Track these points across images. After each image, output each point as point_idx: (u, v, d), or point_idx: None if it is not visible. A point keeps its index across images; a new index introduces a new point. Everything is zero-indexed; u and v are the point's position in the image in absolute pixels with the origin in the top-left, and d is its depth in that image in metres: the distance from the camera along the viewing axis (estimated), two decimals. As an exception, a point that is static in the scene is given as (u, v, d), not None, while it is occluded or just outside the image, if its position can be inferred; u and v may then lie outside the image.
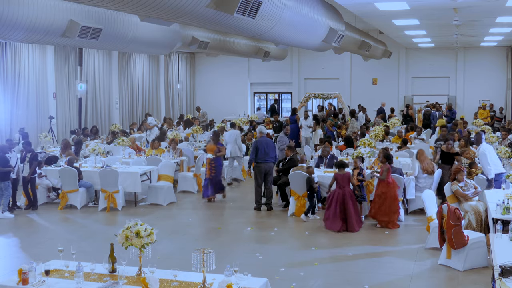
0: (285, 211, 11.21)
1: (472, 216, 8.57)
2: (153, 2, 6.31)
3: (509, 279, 5.11)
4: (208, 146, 12.46)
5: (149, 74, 23.76)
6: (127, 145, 14.25)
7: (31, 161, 11.43)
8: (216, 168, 12.16)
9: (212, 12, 7.22)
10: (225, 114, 25.04)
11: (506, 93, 25.03)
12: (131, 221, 5.42)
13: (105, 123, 20.27)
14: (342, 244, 9.09)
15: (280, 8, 8.75)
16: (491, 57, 25.10)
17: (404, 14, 13.69)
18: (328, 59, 25.11)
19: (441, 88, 25.59)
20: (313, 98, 24.10)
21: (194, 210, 11.91)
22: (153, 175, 12.39)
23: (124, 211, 11.45)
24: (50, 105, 17.49)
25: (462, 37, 18.69)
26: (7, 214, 11.03)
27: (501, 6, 12.36)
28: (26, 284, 5.20)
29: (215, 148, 12.18)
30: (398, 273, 7.72)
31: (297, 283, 7.23)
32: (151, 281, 4.98)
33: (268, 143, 11.52)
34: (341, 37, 12.73)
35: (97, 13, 10.72)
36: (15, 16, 9.12)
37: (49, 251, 8.04)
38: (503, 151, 11.58)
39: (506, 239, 6.46)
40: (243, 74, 27.66)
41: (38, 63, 16.99)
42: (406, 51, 25.81)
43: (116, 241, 5.45)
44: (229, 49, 17.98)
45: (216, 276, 5.26)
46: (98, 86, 19.93)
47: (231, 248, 8.89)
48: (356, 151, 12.09)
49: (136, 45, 12.70)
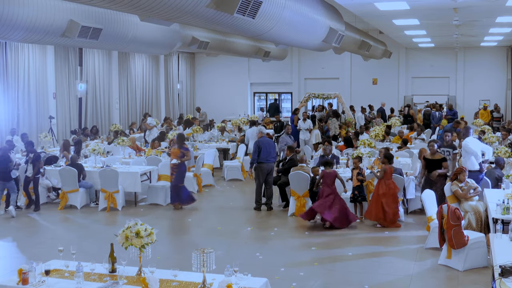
0: (285, 211, 11.21)
1: (472, 216, 8.57)
2: (153, 2, 6.31)
3: (509, 279, 5.11)
4: (172, 151, 11.75)
5: (149, 74, 23.76)
6: (127, 145, 14.25)
7: (34, 161, 11.43)
8: (177, 174, 11.44)
9: (212, 12, 7.22)
10: (225, 114, 25.04)
11: (506, 93, 25.03)
12: (131, 221, 5.42)
13: (105, 123, 20.27)
14: (342, 244, 9.09)
15: (280, 8, 8.76)
16: (491, 57, 25.10)
17: (404, 14, 13.69)
18: (328, 59, 25.10)
19: (441, 88, 25.59)
20: (313, 98, 24.09)
21: (194, 210, 11.90)
22: (153, 175, 12.40)
23: (124, 211, 11.45)
24: (50, 105, 17.48)
25: (462, 37, 18.68)
26: (12, 210, 11.02)
27: (501, 6, 12.35)
28: (26, 284, 5.20)
29: (179, 153, 11.48)
30: (398, 273, 7.72)
31: (297, 283, 7.23)
32: (151, 281, 4.98)
33: (270, 143, 11.53)
34: (341, 37, 12.73)
35: (97, 13, 10.72)
36: (15, 16, 9.12)
37: (49, 251, 8.03)
38: (503, 151, 11.57)
39: (506, 239, 6.46)
40: (243, 74, 27.66)
41: (38, 63, 16.98)
42: (406, 51, 25.81)
43: (116, 241, 5.45)
44: (229, 49, 17.99)
45: (216, 276, 5.26)
46: (98, 86, 19.92)
47: (231, 248, 8.89)
48: (356, 151, 12.10)
49: (136, 45, 12.70)
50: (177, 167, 11.46)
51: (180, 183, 11.50)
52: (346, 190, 10.53)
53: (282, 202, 11.70)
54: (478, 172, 10.19)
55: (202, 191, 13.44)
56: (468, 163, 10.15)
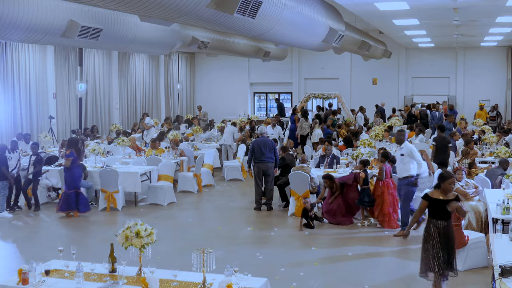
0: (285, 211, 11.21)
1: (472, 216, 8.57)
2: (153, 2, 6.31)
3: (509, 279, 5.11)
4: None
5: (149, 74, 23.76)
6: (127, 145, 14.25)
7: (35, 164, 11.41)
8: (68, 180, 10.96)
9: (212, 12, 7.22)
10: (225, 114, 25.04)
11: (506, 93, 25.03)
12: (131, 221, 5.42)
13: (105, 123, 20.27)
14: (342, 244, 9.09)
15: (280, 8, 8.76)
16: (491, 57, 25.09)
17: (404, 14, 13.69)
18: (328, 59, 25.11)
19: (441, 88, 25.59)
20: (313, 98, 24.10)
21: (194, 210, 11.91)
22: (153, 175, 12.39)
23: (124, 211, 11.45)
24: (50, 105, 17.48)
25: (462, 37, 18.68)
26: (6, 214, 11.02)
27: (501, 6, 12.36)
28: (26, 284, 5.19)
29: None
30: (398, 273, 7.72)
31: (297, 283, 7.23)
32: (151, 281, 4.99)
33: (266, 143, 11.46)
34: (341, 37, 12.74)
35: (97, 13, 10.72)
36: (15, 16, 9.12)
37: (49, 251, 8.03)
38: (503, 151, 11.59)
39: (506, 239, 6.46)
40: (243, 74, 27.66)
41: (38, 63, 16.99)
42: (406, 51, 25.81)
43: (116, 241, 5.45)
44: (229, 49, 17.99)
45: (216, 276, 5.26)
46: (98, 86, 19.92)
47: (231, 248, 8.89)
48: (355, 151, 12.11)
49: (136, 45, 12.71)
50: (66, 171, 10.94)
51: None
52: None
53: (282, 202, 11.70)
54: (411, 177, 9.51)
55: (202, 191, 13.44)
56: (410, 166, 9.42)
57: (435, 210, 6.26)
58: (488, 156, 13.06)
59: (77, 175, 11.01)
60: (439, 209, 6.20)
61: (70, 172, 10.92)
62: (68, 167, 10.89)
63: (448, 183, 6.19)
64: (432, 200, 6.26)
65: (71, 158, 10.89)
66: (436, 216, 6.23)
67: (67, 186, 10.93)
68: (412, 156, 9.36)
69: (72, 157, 10.92)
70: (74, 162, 10.96)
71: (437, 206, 6.21)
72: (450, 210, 6.15)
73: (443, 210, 6.17)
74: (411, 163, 9.38)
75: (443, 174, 6.32)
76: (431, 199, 6.28)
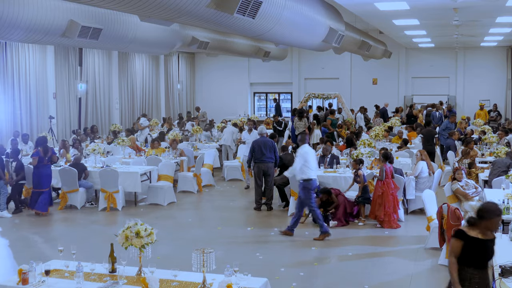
0: (285, 211, 11.21)
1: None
2: (153, 2, 6.31)
3: (509, 279, 5.11)
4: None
5: (149, 74, 23.76)
6: (127, 145, 14.25)
7: (17, 170, 11.39)
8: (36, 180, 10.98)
9: (212, 12, 7.23)
10: (225, 114, 25.04)
11: (506, 93, 25.03)
12: (131, 221, 5.42)
13: (105, 123, 20.28)
14: (342, 244, 9.09)
15: (280, 8, 8.76)
16: (491, 57, 25.10)
17: (404, 14, 13.69)
18: (328, 59, 25.11)
19: (441, 88, 25.59)
20: (313, 98, 24.10)
21: (194, 210, 11.91)
22: (153, 175, 12.39)
23: (124, 211, 11.45)
24: (50, 105, 17.49)
25: (462, 37, 18.68)
26: (5, 214, 11.02)
27: (501, 6, 12.36)
28: (26, 284, 5.19)
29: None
30: (398, 273, 7.72)
31: (297, 283, 7.23)
32: (151, 281, 4.98)
33: (266, 143, 11.47)
34: (341, 37, 12.74)
35: (97, 13, 10.72)
36: (15, 16, 9.12)
37: (49, 251, 8.04)
38: (503, 151, 11.57)
39: (506, 239, 6.47)
40: (243, 74, 27.67)
41: (38, 63, 16.99)
42: (406, 51, 25.81)
43: (116, 241, 5.44)
44: (229, 49, 17.99)
45: (216, 276, 5.26)
46: (98, 86, 19.92)
47: (231, 248, 8.89)
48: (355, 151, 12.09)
49: (136, 45, 12.71)
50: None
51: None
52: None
53: (282, 202, 11.70)
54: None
55: (202, 191, 13.44)
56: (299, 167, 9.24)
57: (471, 253, 4.58)
58: (488, 156, 13.06)
59: (44, 174, 11.03)
60: (477, 252, 4.57)
61: (37, 171, 10.98)
62: (35, 166, 10.96)
63: (495, 221, 4.66)
64: (469, 239, 4.57)
65: (36, 157, 10.93)
66: (471, 263, 4.62)
67: (33, 184, 11.02)
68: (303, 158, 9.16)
69: (37, 156, 10.95)
70: (41, 161, 10.98)
71: (476, 248, 4.57)
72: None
73: (482, 254, 4.59)
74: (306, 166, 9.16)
75: (491, 208, 4.74)
76: (468, 237, 4.60)
